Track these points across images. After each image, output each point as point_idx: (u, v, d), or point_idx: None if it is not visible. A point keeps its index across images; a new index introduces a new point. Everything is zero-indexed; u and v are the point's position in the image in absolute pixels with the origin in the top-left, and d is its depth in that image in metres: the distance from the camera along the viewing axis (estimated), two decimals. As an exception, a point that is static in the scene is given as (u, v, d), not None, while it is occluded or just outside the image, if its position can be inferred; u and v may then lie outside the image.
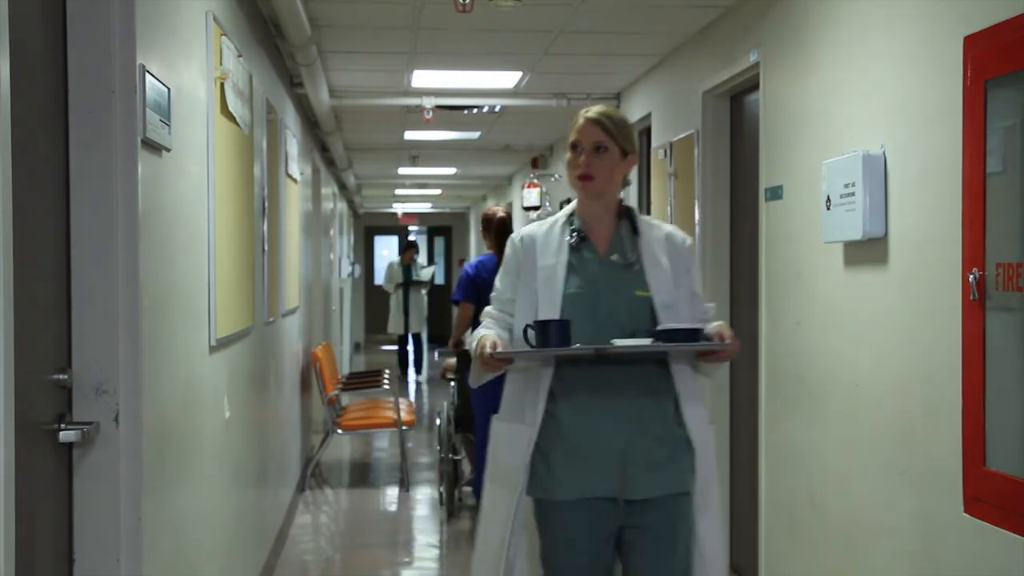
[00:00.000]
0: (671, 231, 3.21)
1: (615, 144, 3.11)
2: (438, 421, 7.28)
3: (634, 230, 3.16)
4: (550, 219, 3.25)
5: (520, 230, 3.26)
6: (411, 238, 17.42)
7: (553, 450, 3.04)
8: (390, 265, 16.06)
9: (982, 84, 3.01)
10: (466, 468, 7.20)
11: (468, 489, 7.11)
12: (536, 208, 10.75)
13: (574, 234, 3.14)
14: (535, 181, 10.89)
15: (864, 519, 3.83)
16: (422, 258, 25.62)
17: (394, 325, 15.53)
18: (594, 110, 3.16)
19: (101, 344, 2.66)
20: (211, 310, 3.74)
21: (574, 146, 3.13)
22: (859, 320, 3.87)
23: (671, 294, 3.08)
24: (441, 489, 7.12)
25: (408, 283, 15.39)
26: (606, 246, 3.14)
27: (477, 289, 6.49)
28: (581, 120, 3.15)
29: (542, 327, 2.98)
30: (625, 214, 3.20)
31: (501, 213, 6.77)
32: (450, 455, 6.98)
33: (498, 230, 6.68)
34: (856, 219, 3.69)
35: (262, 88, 5.32)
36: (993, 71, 2.98)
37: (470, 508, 7.00)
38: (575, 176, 3.13)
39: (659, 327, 3.00)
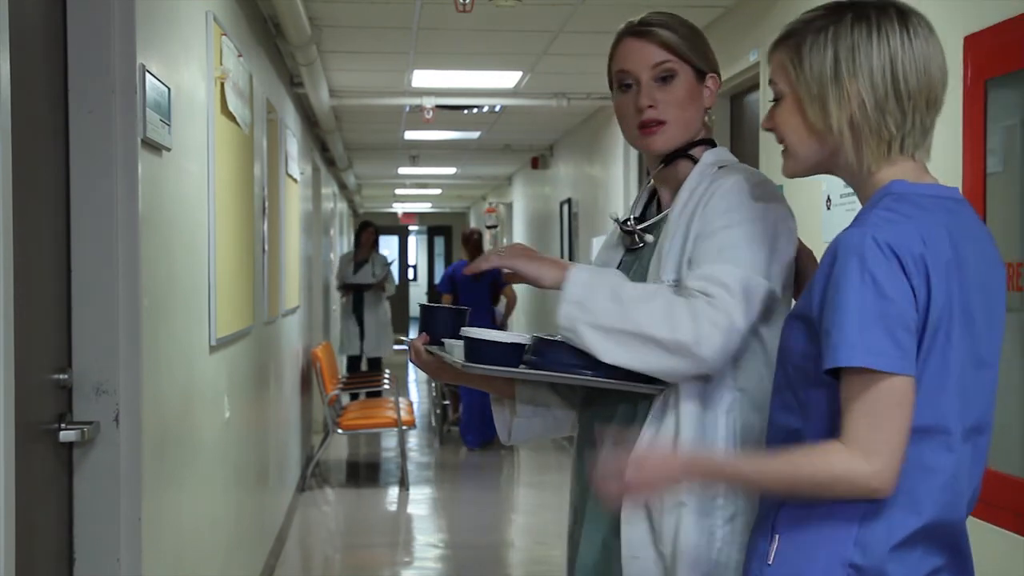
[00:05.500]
0: (719, 178, 1.97)
1: (685, 62, 2.00)
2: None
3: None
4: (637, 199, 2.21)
5: None
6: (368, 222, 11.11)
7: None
8: (341, 259, 11.03)
9: (982, 84, 3.01)
10: (450, 413, 9.87)
11: (455, 428, 9.73)
12: (495, 226, 14.24)
13: (628, 221, 2.09)
14: (493, 206, 14.50)
15: (864, 519, 3.82)
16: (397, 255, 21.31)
17: (345, 342, 10.61)
18: (640, 20, 2.04)
19: (101, 344, 2.66)
20: (211, 310, 3.74)
21: (622, 82, 2.03)
22: (859, 320, 3.86)
23: (657, 283, 1.96)
24: (434, 425, 10.03)
25: (360, 287, 10.42)
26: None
27: (454, 284, 9.12)
28: (625, 38, 2.03)
29: (423, 312, 2.14)
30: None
31: (476, 236, 9.68)
32: (442, 401, 9.78)
33: (474, 245, 9.49)
34: (856, 219, 3.68)
35: (262, 88, 5.32)
36: (993, 71, 2.98)
37: (454, 440, 9.57)
38: (634, 126, 2.01)
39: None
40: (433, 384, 9.56)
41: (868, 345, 1.54)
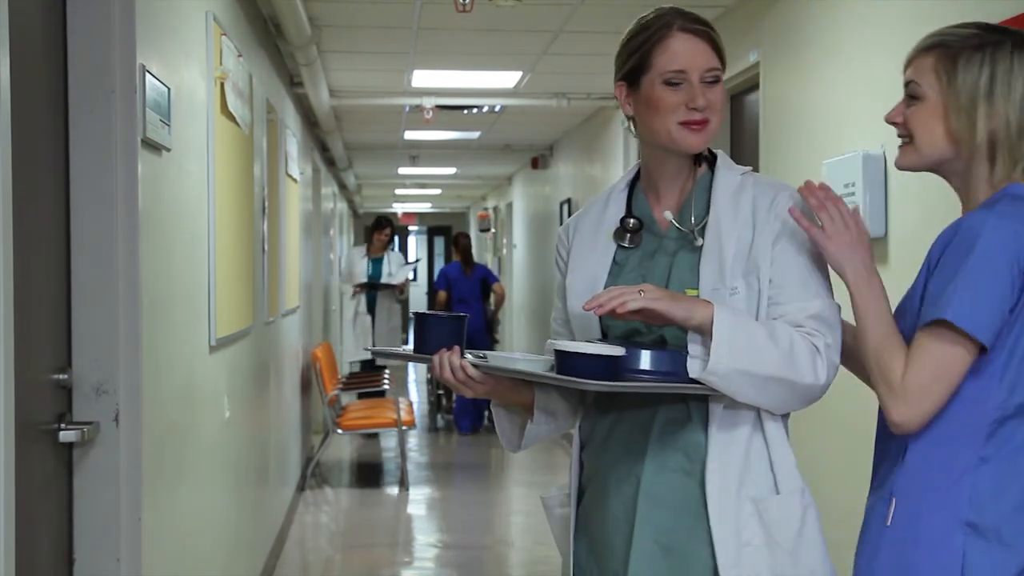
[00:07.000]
0: (765, 188, 2.13)
1: (723, 69, 2.06)
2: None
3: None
4: (603, 193, 2.21)
5: (568, 220, 2.27)
6: (386, 219, 10.50)
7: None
8: (350, 255, 10.42)
9: (982, 84, 3.01)
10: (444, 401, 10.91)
11: (450, 417, 10.59)
12: (488, 230, 15.72)
13: (629, 221, 2.11)
14: (486, 212, 16.13)
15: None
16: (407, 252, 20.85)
17: (352, 348, 9.89)
18: (688, 16, 2.04)
19: (101, 344, 2.66)
20: (211, 310, 3.74)
21: (673, 79, 2.00)
22: (859, 320, 3.86)
23: (721, 289, 1.99)
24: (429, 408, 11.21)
25: (375, 285, 9.87)
26: (674, 216, 2.10)
27: (448, 281, 10.27)
28: (678, 34, 2.01)
29: (418, 321, 2.14)
30: (706, 163, 2.13)
31: (463, 240, 10.55)
32: (437, 391, 10.83)
33: (463, 248, 10.44)
34: (856, 219, 3.68)
35: (262, 88, 5.32)
36: (993, 71, 2.97)
37: (447, 427, 10.52)
38: (676, 120, 2.00)
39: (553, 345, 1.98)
40: (429, 376, 10.02)
41: (963, 307, 1.76)
